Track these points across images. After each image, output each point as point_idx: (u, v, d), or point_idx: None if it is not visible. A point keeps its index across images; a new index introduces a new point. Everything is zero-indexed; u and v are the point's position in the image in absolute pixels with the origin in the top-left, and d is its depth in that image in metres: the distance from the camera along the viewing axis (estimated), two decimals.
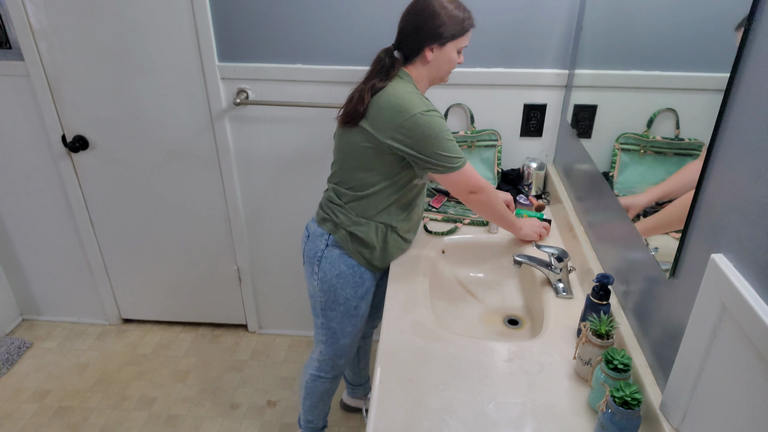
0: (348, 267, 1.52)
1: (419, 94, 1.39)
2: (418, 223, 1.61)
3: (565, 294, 1.42)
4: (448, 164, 1.37)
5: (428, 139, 1.33)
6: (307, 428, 1.86)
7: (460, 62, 1.43)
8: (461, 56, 1.43)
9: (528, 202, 1.85)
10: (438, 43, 1.37)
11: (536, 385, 1.15)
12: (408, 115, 1.32)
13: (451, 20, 1.34)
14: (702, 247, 0.89)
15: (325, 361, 1.69)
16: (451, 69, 1.44)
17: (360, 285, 1.55)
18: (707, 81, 0.90)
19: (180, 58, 1.91)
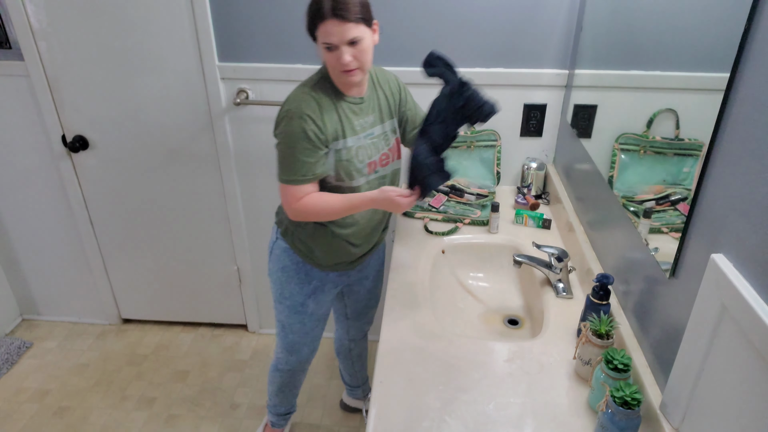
0: (292, 262, 1.52)
1: (311, 92, 1.32)
2: (367, 228, 1.51)
3: (565, 294, 1.42)
4: (279, 171, 1.35)
5: (278, 137, 1.34)
6: (272, 411, 1.93)
7: (343, 64, 1.24)
8: (342, 57, 1.23)
9: (525, 201, 1.86)
10: (312, 38, 1.28)
11: (536, 385, 1.15)
12: (280, 110, 1.34)
13: (308, 10, 1.24)
14: (702, 247, 0.89)
15: (279, 355, 1.73)
16: (336, 70, 1.27)
17: (306, 282, 1.54)
18: (707, 81, 0.90)
19: (180, 58, 1.91)
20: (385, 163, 1.45)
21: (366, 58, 1.27)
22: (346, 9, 1.19)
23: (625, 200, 1.25)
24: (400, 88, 1.51)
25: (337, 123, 1.34)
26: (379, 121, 1.43)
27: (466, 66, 1.82)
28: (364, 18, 1.23)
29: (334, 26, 1.20)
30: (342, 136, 1.35)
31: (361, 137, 1.38)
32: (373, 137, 1.41)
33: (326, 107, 1.32)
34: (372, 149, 1.41)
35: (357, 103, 1.38)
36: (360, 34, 1.23)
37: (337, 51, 1.23)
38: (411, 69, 1.84)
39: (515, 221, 1.76)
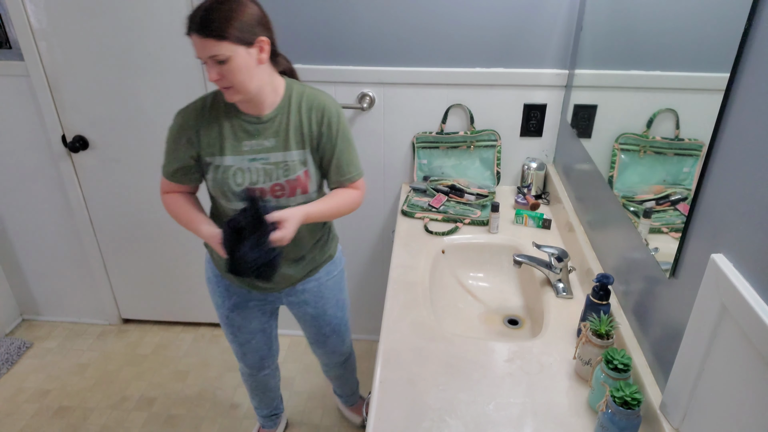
0: (213, 274, 1.52)
1: (208, 99, 1.31)
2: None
3: (565, 294, 1.42)
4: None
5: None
6: (256, 413, 1.96)
7: (210, 80, 1.18)
8: (208, 73, 1.18)
9: (525, 201, 1.86)
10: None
11: (536, 385, 1.15)
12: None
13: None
14: (702, 247, 0.89)
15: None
16: (210, 78, 1.19)
17: (227, 296, 1.52)
18: (707, 81, 0.90)
19: (180, 58, 1.91)
20: (278, 195, 1.33)
21: (238, 79, 1.18)
22: (209, 26, 1.12)
23: (625, 200, 1.25)
24: (325, 121, 1.32)
25: (216, 138, 1.29)
26: (282, 148, 1.30)
27: (466, 66, 1.82)
28: (232, 37, 1.14)
29: (196, 41, 1.14)
30: (219, 153, 1.29)
31: (246, 159, 1.29)
32: (267, 162, 1.30)
33: (210, 119, 1.29)
34: (260, 175, 1.30)
35: (253, 122, 1.29)
36: (223, 53, 1.14)
37: (206, 64, 1.18)
38: (411, 69, 1.84)
39: (515, 221, 1.76)
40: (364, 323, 2.46)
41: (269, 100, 1.29)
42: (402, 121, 1.94)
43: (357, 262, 2.29)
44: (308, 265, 1.51)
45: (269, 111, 1.30)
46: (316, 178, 1.37)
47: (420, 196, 1.92)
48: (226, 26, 1.13)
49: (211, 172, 1.31)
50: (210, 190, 1.37)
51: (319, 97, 1.34)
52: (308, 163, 1.34)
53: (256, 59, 1.21)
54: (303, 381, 2.27)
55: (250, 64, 1.19)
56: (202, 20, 1.12)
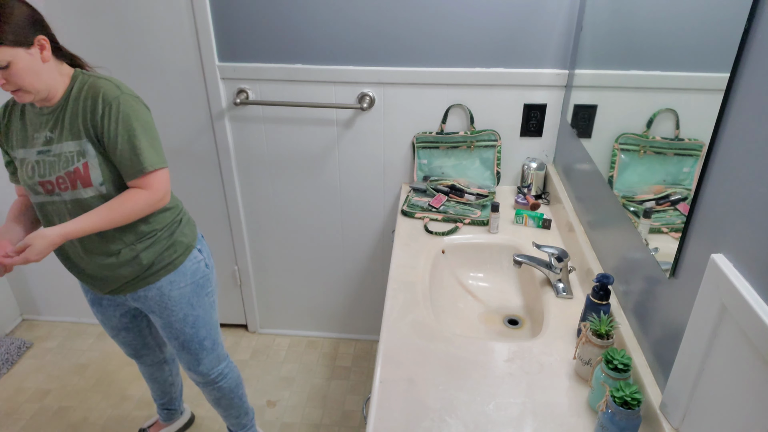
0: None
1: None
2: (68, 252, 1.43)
3: (565, 294, 1.42)
4: None
5: None
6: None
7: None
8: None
9: (525, 201, 1.86)
10: None
11: (536, 385, 1.15)
12: None
13: None
14: (702, 247, 0.89)
15: None
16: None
17: (84, 292, 1.59)
18: (707, 81, 0.90)
19: (180, 58, 1.91)
20: (63, 188, 1.31)
21: (24, 81, 1.19)
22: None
23: (625, 200, 1.25)
24: (98, 107, 1.27)
25: (14, 131, 1.33)
26: (59, 140, 1.29)
27: (466, 66, 1.82)
28: (8, 41, 1.14)
29: None
30: (16, 146, 1.33)
31: (34, 152, 1.30)
32: (50, 155, 1.30)
33: (12, 114, 1.34)
34: (46, 168, 1.30)
35: (39, 114, 1.31)
36: (5, 58, 1.14)
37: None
38: (411, 69, 1.84)
39: (515, 221, 1.76)
40: (364, 323, 2.46)
41: (58, 93, 1.29)
42: (402, 121, 1.94)
43: (357, 262, 2.29)
44: (138, 267, 1.43)
45: (57, 102, 1.30)
46: (103, 170, 1.31)
47: (420, 196, 1.92)
48: (3, 31, 1.12)
49: (17, 164, 1.35)
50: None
51: (97, 84, 1.29)
52: (88, 155, 1.29)
53: (40, 58, 1.21)
54: (303, 381, 2.27)
55: (34, 65, 1.19)
56: None
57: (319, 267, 2.33)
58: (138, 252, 1.42)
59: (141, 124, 1.30)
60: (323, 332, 2.52)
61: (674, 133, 1.03)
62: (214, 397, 1.77)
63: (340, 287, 2.37)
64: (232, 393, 1.77)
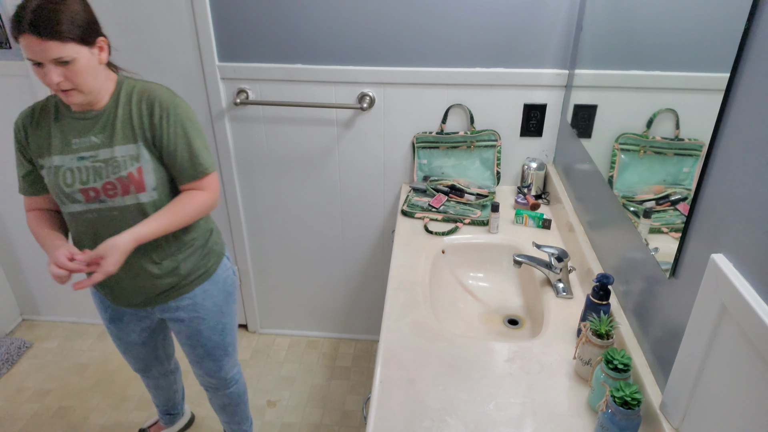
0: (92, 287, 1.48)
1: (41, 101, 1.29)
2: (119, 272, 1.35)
3: (565, 294, 1.42)
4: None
5: None
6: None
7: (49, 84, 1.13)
8: (48, 76, 1.12)
9: (525, 201, 1.86)
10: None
11: (536, 385, 1.15)
12: None
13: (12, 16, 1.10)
14: (702, 247, 0.89)
15: None
16: (45, 84, 1.16)
17: (102, 308, 1.52)
18: (707, 81, 0.90)
19: (180, 58, 1.91)
20: (112, 194, 1.26)
21: (82, 80, 1.15)
22: (48, 25, 1.07)
23: (625, 200, 1.25)
24: (156, 110, 1.26)
25: (44, 138, 1.26)
26: (109, 144, 1.25)
27: (466, 66, 1.82)
28: (75, 37, 1.11)
29: (33, 43, 1.08)
30: (48, 153, 1.26)
31: (75, 158, 1.25)
32: (96, 160, 1.25)
33: (41, 120, 1.27)
34: (90, 174, 1.25)
35: (80, 119, 1.25)
36: (69, 54, 1.11)
37: (44, 68, 1.12)
38: (411, 69, 1.84)
39: (515, 221, 1.76)
40: (364, 323, 2.46)
41: (103, 97, 1.26)
42: (402, 121, 1.94)
43: (357, 262, 2.29)
44: (176, 278, 1.41)
45: (104, 107, 1.26)
46: (156, 175, 1.29)
47: (420, 196, 1.92)
48: (70, 27, 1.09)
49: (45, 175, 1.27)
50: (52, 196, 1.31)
51: (150, 87, 1.29)
52: (142, 159, 1.26)
53: (98, 59, 1.19)
54: (303, 381, 2.27)
55: (93, 65, 1.17)
56: (41, 21, 1.06)
57: (319, 267, 2.33)
58: (179, 262, 1.40)
59: (195, 128, 1.31)
60: (323, 332, 2.52)
61: (674, 133, 1.03)
62: (223, 403, 1.76)
63: (340, 287, 2.37)
64: (239, 398, 1.78)
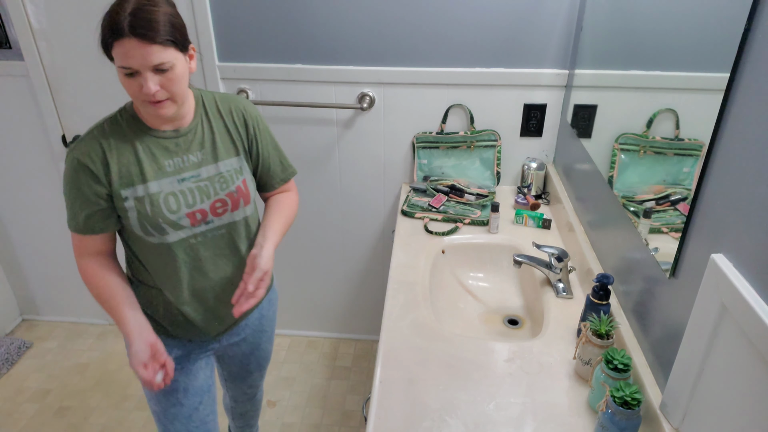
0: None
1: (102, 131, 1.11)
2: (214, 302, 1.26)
3: (565, 294, 1.42)
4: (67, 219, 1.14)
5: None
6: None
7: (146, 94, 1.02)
8: (146, 85, 1.01)
9: (525, 201, 1.86)
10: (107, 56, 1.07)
11: (536, 385, 1.15)
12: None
13: (102, 21, 1.05)
14: (702, 247, 0.89)
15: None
16: (139, 99, 1.05)
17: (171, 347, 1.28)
18: (707, 81, 0.90)
19: None
20: (221, 212, 1.19)
21: (178, 89, 1.05)
22: (151, 27, 0.98)
23: (625, 200, 1.25)
24: (248, 120, 1.22)
25: (132, 165, 1.10)
26: (212, 160, 1.17)
27: (466, 66, 1.82)
28: (175, 41, 1.02)
29: (133, 47, 0.98)
30: (140, 181, 1.10)
31: (174, 181, 1.13)
32: (198, 180, 1.15)
33: (118, 148, 1.10)
34: (195, 195, 1.15)
35: (171, 137, 1.13)
36: (169, 60, 1.01)
37: (139, 77, 1.01)
38: (411, 69, 1.84)
39: (515, 221, 1.76)
40: (364, 323, 2.46)
41: (188, 111, 1.15)
42: (402, 121, 1.94)
43: (357, 262, 2.29)
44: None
45: (190, 123, 1.15)
46: (252, 186, 1.25)
47: (420, 196, 1.92)
48: (171, 30, 1.01)
49: (134, 206, 1.11)
50: (133, 230, 1.14)
51: (228, 97, 1.24)
52: (244, 171, 1.22)
53: (189, 67, 1.10)
54: (303, 381, 2.27)
55: (186, 73, 1.08)
56: (143, 23, 0.97)
57: (319, 267, 2.32)
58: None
59: (273, 134, 1.32)
60: (323, 332, 2.52)
61: (674, 133, 1.03)
62: (245, 410, 1.69)
63: (340, 287, 2.37)
64: (260, 402, 1.75)
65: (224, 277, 1.26)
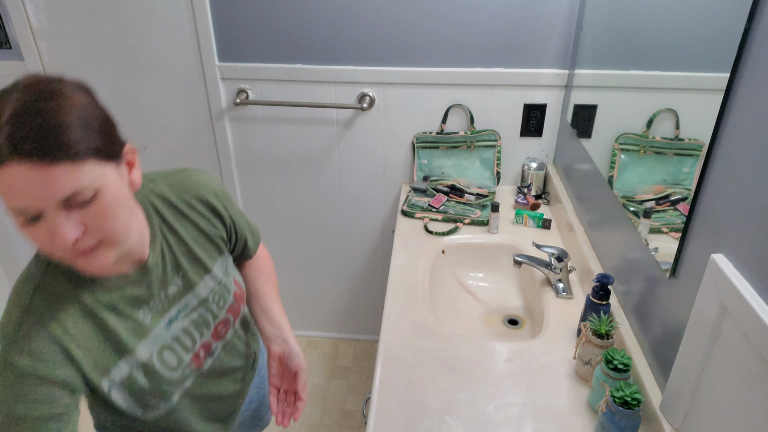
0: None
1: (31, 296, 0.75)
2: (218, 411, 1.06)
3: (565, 294, 1.42)
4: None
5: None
6: None
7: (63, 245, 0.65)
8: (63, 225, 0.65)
9: (525, 201, 1.86)
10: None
11: (536, 385, 1.15)
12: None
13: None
14: (702, 247, 0.89)
15: None
16: (48, 251, 0.69)
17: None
18: (707, 81, 0.90)
19: (180, 58, 1.91)
20: (224, 334, 0.98)
21: (114, 224, 0.70)
22: (49, 137, 0.61)
23: (625, 200, 1.25)
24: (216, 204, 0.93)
25: (103, 343, 0.78)
26: (197, 278, 0.90)
27: (466, 66, 1.82)
28: (97, 149, 0.66)
29: (23, 176, 0.60)
30: (120, 356, 0.80)
31: (161, 331, 0.85)
32: (189, 311, 0.90)
33: (75, 329, 0.75)
34: (193, 333, 0.91)
35: (136, 281, 0.82)
36: (90, 183, 0.65)
37: (45, 221, 0.65)
38: (411, 69, 1.84)
39: (515, 221, 1.76)
40: (364, 323, 2.46)
41: (141, 237, 0.81)
42: (402, 121, 1.94)
43: (357, 262, 2.29)
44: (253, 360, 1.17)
45: (146, 250, 0.83)
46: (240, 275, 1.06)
47: (420, 196, 1.92)
48: (85, 134, 0.65)
49: (124, 388, 0.82)
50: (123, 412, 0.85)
51: (185, 183, 0.90)
52: (230, 267, 0.99)
53: (126, 181, 0.74)
54: None
55: (125, 193, 0.73)
56: (37, 132, 0.60)
57: (319, 267, 2.32)
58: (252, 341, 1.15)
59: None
60: (323, 332, 2.52)
61: (674, 133, 1.03)
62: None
63: (340, 287, 2.37)
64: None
65: (234, 392, 1.08)
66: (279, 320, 1.05)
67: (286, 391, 1.05)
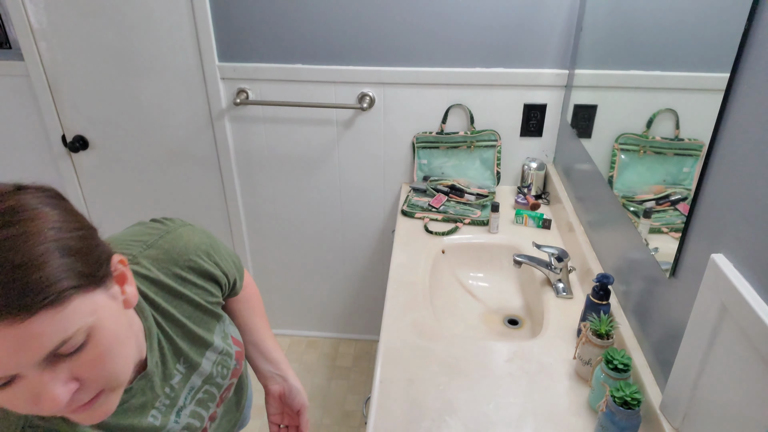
0: None
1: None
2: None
3: (565, 294, 1.42)
4: None
5: None
6: None
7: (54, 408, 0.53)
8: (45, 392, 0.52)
9: (525, 201, 1.86)
10: None
11: (536, 385, 1.15)
12: None
13: None
14: (702, 247, 0.89)
15: None
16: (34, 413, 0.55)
17: None
18: (707, 81, 0.90)
19: (180, 58, 1.91)
20: (226, 396, 0.95)
21: (116, 365, 0.58)
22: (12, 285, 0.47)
23: (625, 200, 1.25)
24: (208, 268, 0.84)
25: None
26: (198, 356, 0.83)
27: (466, 66, 1.82)
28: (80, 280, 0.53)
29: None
30: None
31: (171, 423, 0.79)
32: (195, 392, 0.84)
33: None
34: (200, 412, 0.86)
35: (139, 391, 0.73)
36: (79, 326, 0.52)
37: (20, 382, 0.51)
38: (411, 69, 1.84)
39: (515, 221, 1.76)
40: (364, 323, 2.46)
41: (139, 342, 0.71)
42: (402, 121, 1.94)
43: (357, 262, 2.29)
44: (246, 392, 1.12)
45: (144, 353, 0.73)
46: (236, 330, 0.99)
47: (420, 196, 1.92)
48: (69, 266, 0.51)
49: None
50: None
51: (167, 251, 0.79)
52: (228, 325, 0.92)
53: (118, 303, 0.61)
54: (303, 381, 2.27)
55: (122, 320, 0.60)
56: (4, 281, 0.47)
57: (319, 267, 2.33)
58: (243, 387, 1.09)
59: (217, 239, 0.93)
60: (323, 332, 2.52)
61: (674, 133, 1.03)
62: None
63: (340, 287, 2.37)
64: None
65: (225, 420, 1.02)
66: (274, 356, 0.99)
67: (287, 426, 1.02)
